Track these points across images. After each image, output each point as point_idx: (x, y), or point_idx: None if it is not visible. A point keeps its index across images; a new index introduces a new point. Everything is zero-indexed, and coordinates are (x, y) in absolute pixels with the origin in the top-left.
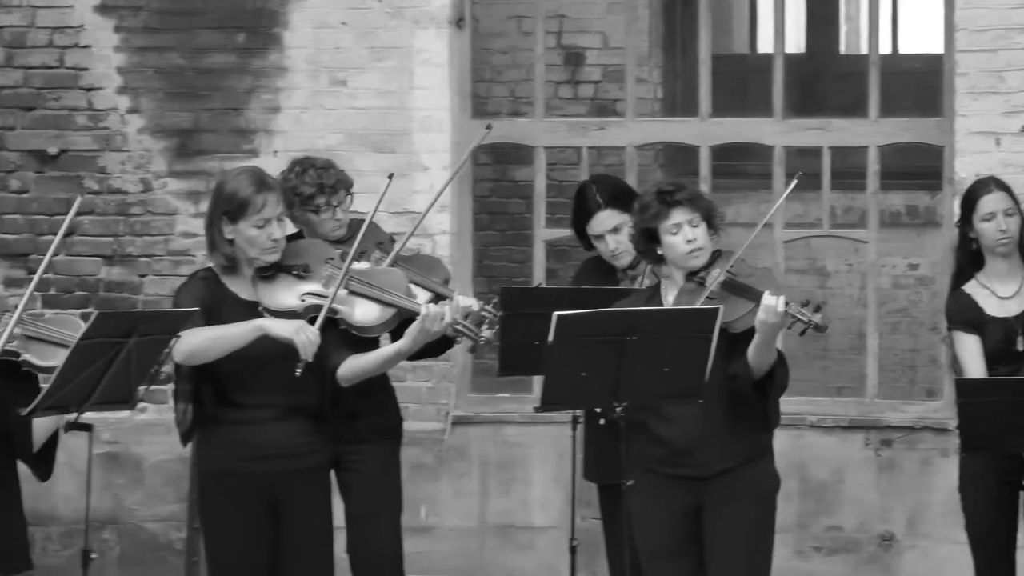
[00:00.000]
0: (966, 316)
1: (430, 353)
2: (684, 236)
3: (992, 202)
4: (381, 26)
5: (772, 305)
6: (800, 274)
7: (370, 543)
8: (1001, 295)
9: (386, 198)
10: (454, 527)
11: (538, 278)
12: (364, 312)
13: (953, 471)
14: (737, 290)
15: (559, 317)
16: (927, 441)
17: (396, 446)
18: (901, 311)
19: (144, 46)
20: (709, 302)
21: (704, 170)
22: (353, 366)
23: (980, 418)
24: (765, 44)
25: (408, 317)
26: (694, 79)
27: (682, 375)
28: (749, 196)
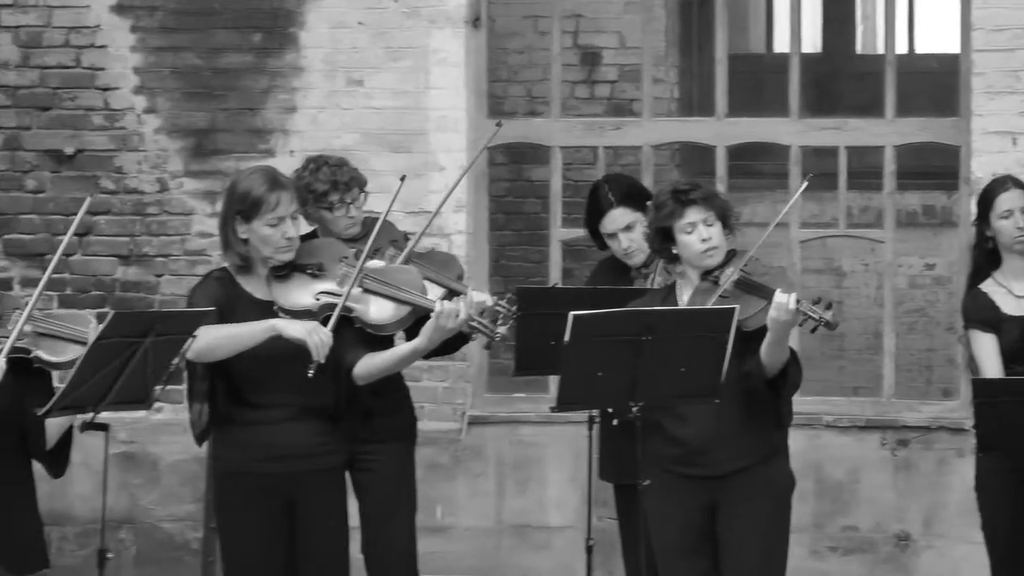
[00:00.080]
0: (983, 315)
1: (445, 350)
2: (699, 235)
3: (1009, 200)
4: (397, 26)
5: (784, 303)
6: (816, 274)
7: (384, 543)
8: (1018, 294)
9: (402, 198)
10: (470, 527)
11: (554, 278)
12: (379, 310)
13: (969, 471)
14: (750, 288)
15: (575, 317)
16: (943, 441)
17: (411, 446)
18: (918, 311)
19: (160, 46)
20: (722, 300)
21: (720, 170)
22: (369, 364)
23: (996, 418)
24: (781, 44)
25: (423, 315)
26: (710, 79)
27: (698, 375)
28: (765, 196)
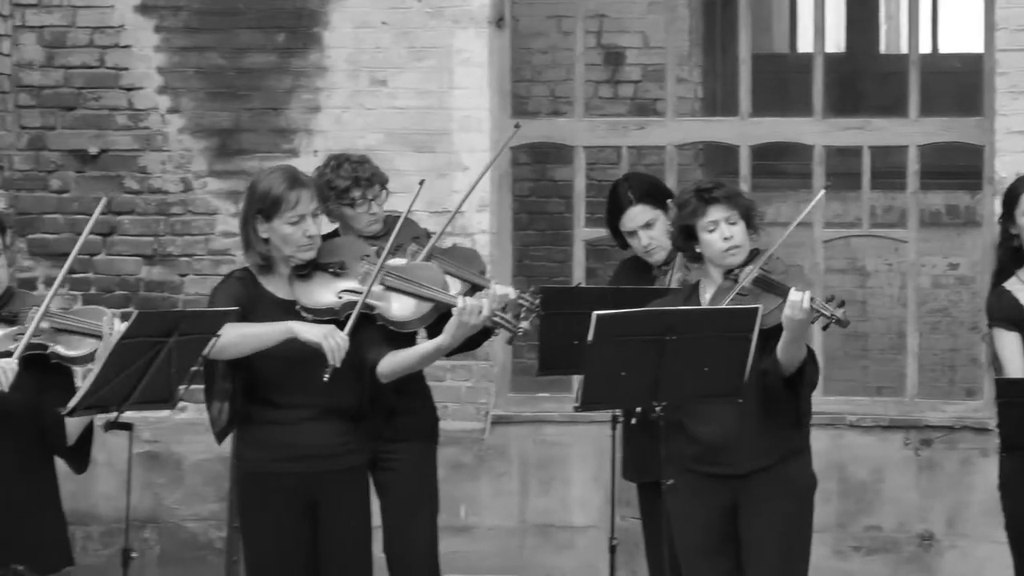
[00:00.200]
0: (1007, 313)
1: (469, 346)
2: (721, 233)
3: None
4: (421, 26)
5: (798, 301)
6: (840, 274)
7: (406, 543)
8: None
9: (426, 198)
10: (494, 526)
11: (578, 277)
12: (401, 307)
13: (993, 471)
14: (768, 287)
15: (598, 317)
16: (967, 441)
17: (433, 445)
18: (941, 311)
19: (184, 46)
20: (740, 298)
21: (744, 170)
22: (392, 362)
23: (1020, 417)
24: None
25: (445, 311)
26: (734, 78)
27: (722, 374)
28: (789, 196)
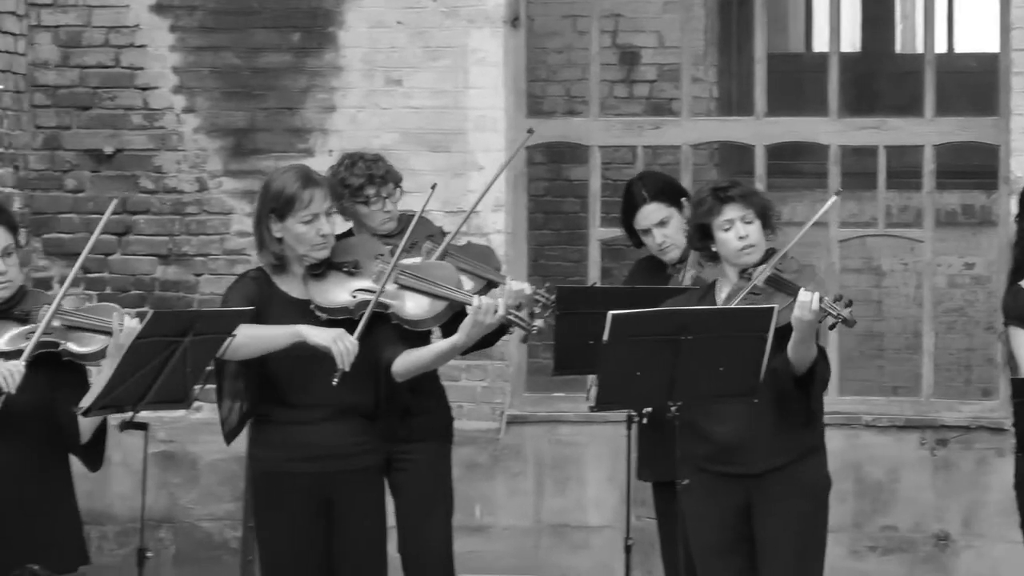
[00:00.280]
0: (1023, 312)
1: (484, 343)
2: (736, 232)
3: None
4: (436, 25)
5: (807, 301)
6: (856, 273)
7: (420, 543)
8: None
9: (441, 197)
10: (509, 526)
11: (593, 277)
12: (415, 306)
13: (1009, 470)
14: (780, 286)
15: (614, 317)
16: (983, 440)
17: (447, 445)
18: (957, 310)
19: (199, 45)
20: (753, 297)
21: (759, 169)
22: (407, 360)
23: None
24: (820, 43)
25: (459, 310)
26: (749, 78)
27: (737, 374)
28: (804, 195)
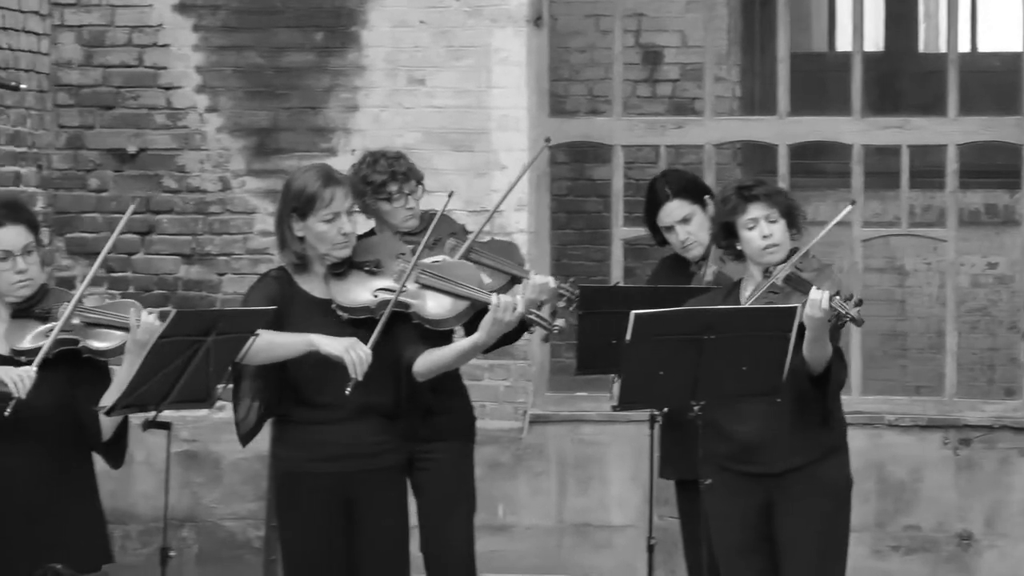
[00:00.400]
0: None
1: (506, 340)
2: (760, 231)
3: None
4: (459, 25)
5: (817, 300)
6: (879, 273)
7: (442, 542)
8: None
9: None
10: (531, 526)
11: (616, 277)
12: (436, 305)
13: None
14: (798, 285)
15: (636, 316)
16: (1006, 440)
17: (470, 445)
18: (980, 310)
19: (223, 45)
20: (771, 296)
21: (782, 168)
22: (429, 360)
23: None
24: (844, 42)
25: (481, 309)
26: (772, 77)
27: (760, 373)
28: (828, 195)
